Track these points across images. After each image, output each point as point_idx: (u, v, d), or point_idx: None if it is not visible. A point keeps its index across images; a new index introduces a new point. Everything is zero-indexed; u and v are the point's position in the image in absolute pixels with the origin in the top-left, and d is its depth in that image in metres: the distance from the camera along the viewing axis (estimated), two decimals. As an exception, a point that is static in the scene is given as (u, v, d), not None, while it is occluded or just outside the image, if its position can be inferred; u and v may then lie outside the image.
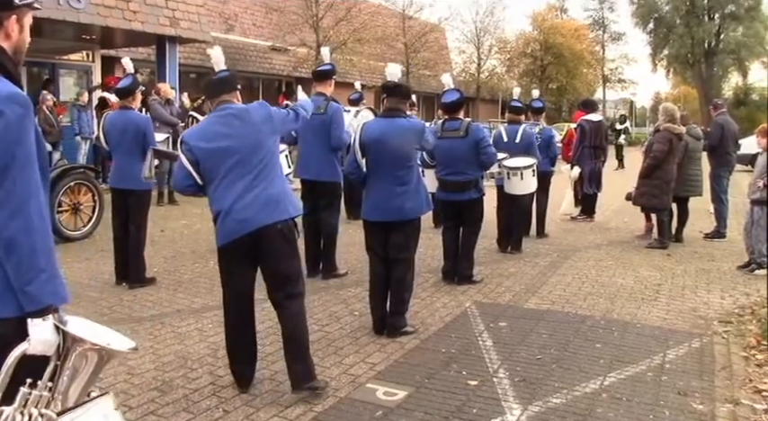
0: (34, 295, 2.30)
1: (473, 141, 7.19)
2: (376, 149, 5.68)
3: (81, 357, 2.37)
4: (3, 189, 2.27)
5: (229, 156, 4.28)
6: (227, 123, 4.37)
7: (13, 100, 2.31)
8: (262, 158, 4.33)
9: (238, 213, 4.25)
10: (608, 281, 7.80)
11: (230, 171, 4.28)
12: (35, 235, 2.32)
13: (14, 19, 2.44)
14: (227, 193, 4.29)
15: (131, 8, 14.99)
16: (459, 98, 7.40)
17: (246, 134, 4.33)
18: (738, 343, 5.70)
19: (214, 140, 4.33)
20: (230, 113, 4.41)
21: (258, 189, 4.27)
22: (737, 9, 52.09)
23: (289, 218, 4.36)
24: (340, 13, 27.51)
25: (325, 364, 5.02)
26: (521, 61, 49.31)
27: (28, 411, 2.29)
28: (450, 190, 7.42)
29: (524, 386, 4.69)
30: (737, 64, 54.61)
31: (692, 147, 10.11)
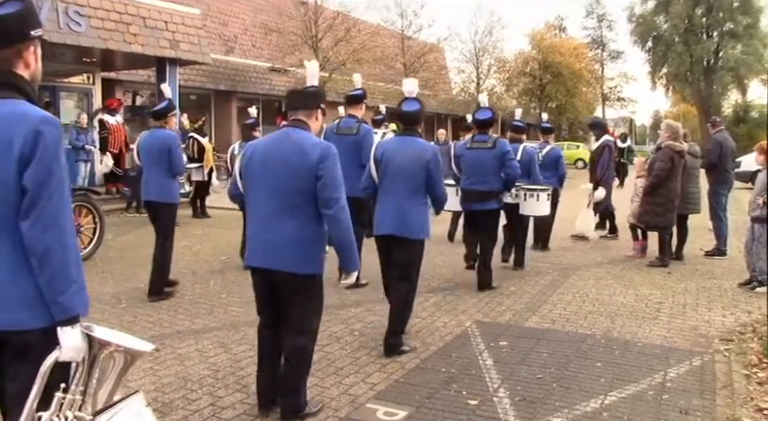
0: (65, 305, 2.48)
1: (499, 153, 7.86)
2: (387, 166, 5.94)
3: (108, 360, 2.55)
4: (39, 204, 2.46)
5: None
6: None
7: (48, 122, 2.53)
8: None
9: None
10: (608, 299, 7.79)
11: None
12: (68, 248, 2.51)
13: (32, 49, 2.71)
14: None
15: (131, 31, 15.09)
16: (491, 117, 8.18)
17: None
18: (740, 361, 5.69)
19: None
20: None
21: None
22: (736, 27, 52.29)
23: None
24: (339, 33, 27.65)
25: (325, 384, 5.01)
26: (520, 80, 49.45)
27: (63, 415, 2.44)
28: (472, 199, 7.95)
29: (525, 405, 4.67)
30: (736, 81, 54.75)
31: (690, 165, 10.11)
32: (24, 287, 2.51)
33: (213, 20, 26.54)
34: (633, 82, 62.15)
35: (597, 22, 63.05)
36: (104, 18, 14.54)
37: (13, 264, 2.51)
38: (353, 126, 8.07)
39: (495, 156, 7.88)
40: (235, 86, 26.48)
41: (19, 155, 2.47)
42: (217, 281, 8.48)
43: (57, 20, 13.50)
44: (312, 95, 4.58)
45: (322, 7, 27.52)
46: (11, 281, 2.51)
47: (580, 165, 38.76)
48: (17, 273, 2.51)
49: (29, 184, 2.47)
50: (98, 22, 14.37)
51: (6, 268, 2.51)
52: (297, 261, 4.21)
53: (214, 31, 26.17)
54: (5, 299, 2.51)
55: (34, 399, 2.45)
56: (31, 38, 2.69)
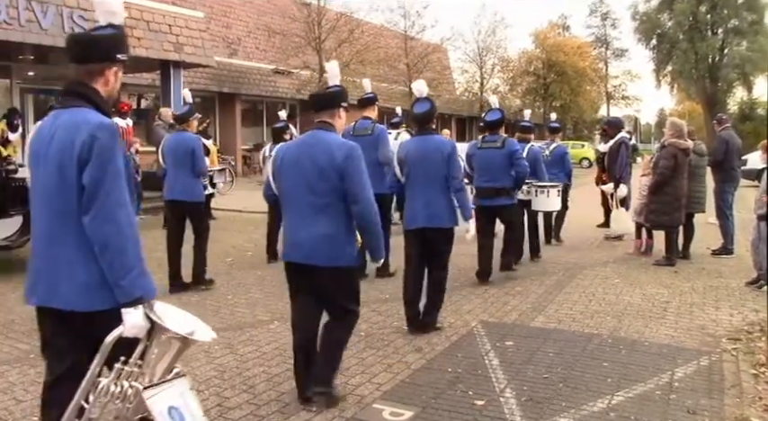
0: (126, 289, 2.85)
1: (508, 152, 8.30)
2: (411, 164, 6.52)
3: (166, 343, 2.88)
4: (97, 200, 2.85)
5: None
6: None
7: (103, 127, 2.92)
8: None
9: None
10: (615, 299, 7.77)
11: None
12: (125, 238, 2.87)
13: (114, 70, 3.14)
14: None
15: (136, 34, 15.10)
16: (500, 118, 8.57)
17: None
18: (748, 360, 5.66)
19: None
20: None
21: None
22: (741, 23, 52.17)
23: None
24: (342, 35, 27.67)
25: (332, 386, 5.01)
26: (523, 80, 49.45)
27: (120, 383, 2.82)
28: (484, 196, 8.36)
29: (531, 405, 4.67)
30: (742, 79, 54.59)
31: (695, 164, 10.08)
32: (90, 272, 2.91)
33: (217, 23, 26.61)
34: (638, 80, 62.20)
35: (601, 21, 63.09)
36: (108, 22, 14.58)
37: (78, 251, 2.91)
38: (369, 127, 8.52)
39: (505, 155, 8.29)
40: (239, 89, 26.54)
41: (78, 157, 2.86)
42: (222, 282, 8.48)
43: (61, 25, 13.53)
44: (333, 95, 4.83)
45: (325, 9, 27.53)
46: (77, 267, 2.91)
47: (585, 164, 38.74)
48: (83, 260, 2.91)
49: (87, 183, 2.85)
50: (102, 26, 14.41)
51: (73, 255, 2.92)
52: (331, 255, 4.50)
53: (218, 33, 26.23)
54: (73, 282, 2.92)
55: (96, 367, 2.84)
56: (116, 60, 3.13)
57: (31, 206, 3.10)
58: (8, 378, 5.17)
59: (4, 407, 4.61)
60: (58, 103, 3.13)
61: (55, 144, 2.94)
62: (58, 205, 2.93)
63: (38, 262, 3.05)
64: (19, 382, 5.07)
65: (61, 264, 2.95)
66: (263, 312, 7.10)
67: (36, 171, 3.05)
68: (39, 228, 3.05)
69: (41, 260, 3.03)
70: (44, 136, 3.01)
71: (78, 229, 2.89)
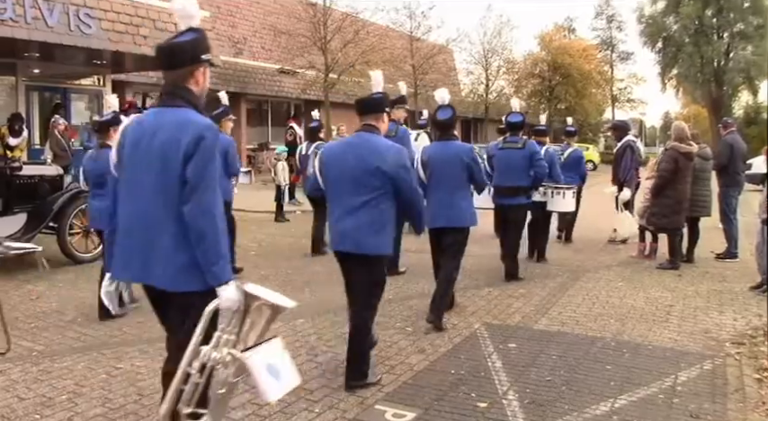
0: (217, 274, 3.19)
1: (528, 153, 8.63)
2: (433, 167, 6.84)
3: (258, 311, 3.21)
4: (197, 193, 3.16)
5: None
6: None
7: (210, 128, 3.28)
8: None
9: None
10: (618, 302, 7.76)
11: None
12: (218, 230, 3.20)
13: (201, 70, 3.43)
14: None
15: (141, 33, 15.10)
16: (522, 120, 9.03)
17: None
18: (751, 365, 5.66)
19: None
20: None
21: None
22: (747, 28, 52.00)
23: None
24: (348, 35, 27.63)
25: (333, 385, 5.01)
26: (529, 82, 49.39)
27: (220, 350, 3.15)
28: (503, 194, 8.66)
29: (534, 408, 4.66)
30: (747, 83, 54.44)
31: (700, 168, 10.06)
32: (186, 257, 3.23)
33: (222, 22, 26.60)
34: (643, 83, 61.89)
35: (607, 23, 62.89)
36: (114, 20, 14.56)
37: (176, 237, 3.23)
38: (392, 129, 8.54)
39: (525, 156, 8.63)
40: (244, 88, 26.53)
41: (184, 152, 3.17)
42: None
43: (67, 22, 13.53)
44: (378, 101, 5.27)
45: (331, 9, 27.50)
46: (175, 251, 3.23)
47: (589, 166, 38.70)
48: (180, 246, 3.23)
49: (190, 177, 3.17)
50: (108, 25, 14.40)
51: (172, 241, 3.23)
52: (375, 244, 4.94)
53: (223, 33, 26.23)
54: (171, 266, 3.25)
55: (197, 337, 3.18)
56: (201, 61, 3.42)
57: (124, 191, 3.43)
58: (10, 376, 5.17)
59: (7, 404, 4.61)
60: (158, 103, 3.52)
61: (158, 139, 3.25)
62: (159, 194, 3.25)
63: (132, 242, 3.36)
64: (21, 380, 5.07)
65: (158, 248, 3.26)
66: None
67: (133, 161, 3.36)
68: (134, 212, 3.35)
69: (137, 241, 3.33)
70: (145, 131, 3.35)
71: (176, 217, 3.22)
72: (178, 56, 3.39)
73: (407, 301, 6.76)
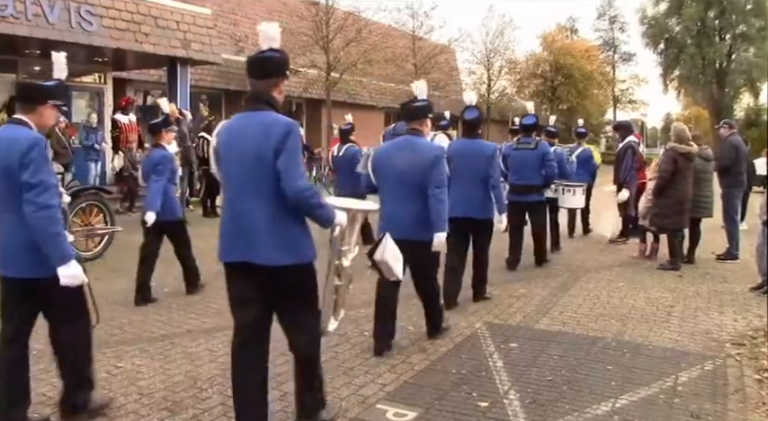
0: (327, 215, 3.97)
1: (541, 153, 9.32)
2: (457, 163, 7.18)
3: (353, 218, 4.27)
4: (289, 178, 3.75)
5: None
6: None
7: (294, 125, 3.89)
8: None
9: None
10: (619, 302, 7.76)
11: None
12: (316, 200, 3.89)
13: (283, 82, 4.06)
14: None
15: (143, 30, 15.12)
16: (535, 122, 9.76)
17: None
18: (752, 365, 5.66)
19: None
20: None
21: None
22: (749, 29, 51.90)
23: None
24: (350, 34, 27.61)
25: (335, 385, 5.00)
26: (531, 82, 49.34)
27: (340, 261, 4.33)
28: (518, 192, 9.28)
29: (535, 408, 4.66)
30: (749, 84, 54.34)
31: (701, 169, 10.06)
32: (280, 235, 3.84)
33: (224, 20, 26.57)
34: (645, 84, 61.82)
35: (609, 24, 62.76)
36: (116, 18, 14.58)
37: (271, 217, 3.82)
38: (398, 130, 8.99)
39: (537, 156, 9.30)
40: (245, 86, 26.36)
41: (275, 147, 3.75)
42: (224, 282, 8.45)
43: (68, 19, 13.55)
44: (423, 108, 6.11)
45: (333, 8, 27.49)
46: (270, 230, 3.82)
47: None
48: (275, 224, 3.83)
49: (281, 166, 3.74)
50: (110, 22, 14.41)
51: (267, 221, 3.82)
52: (421, 231, 5.75)
53: (225, 31, 26.19)
54: (266, 243, 3.83)
55: (335, 252, 4.32)
56: (285, 74, 4.07)
57: (226, 186, 4.01)
58: (11, 372, 5.15)
59: None
60: (246, 106, 4.05)
61: (251, 138, 3.82)
62: (256, 184, 3.82)
63: (236, 228, 3.92)
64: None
65: (257, 229, 3.82)
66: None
67: (230, 158, 3.92)
68: (236, 201, 3.92)
69: (240, 227, 3.89)
70: (236, 133, 3.93)
71: (272, 203, 3.81)
72: (269, 68, 4.00)
73: (408, 301, 6.73)
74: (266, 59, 4.00)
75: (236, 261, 3.96)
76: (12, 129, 4.09)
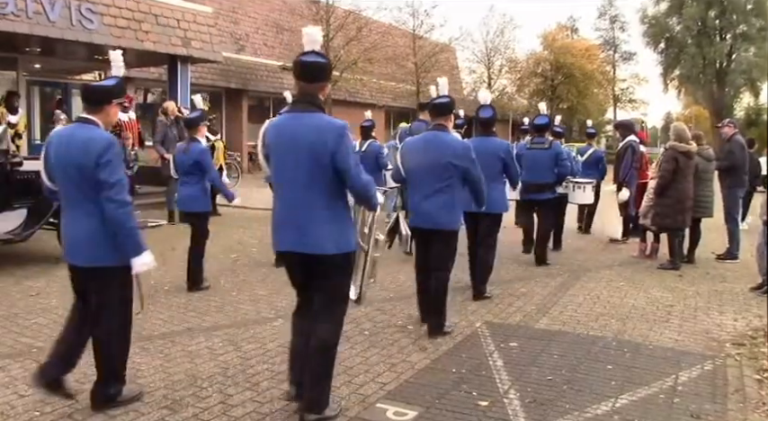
0: (376, 201, 4.51)
1: (554, 153, 9.76)
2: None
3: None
4: (349, 178, 4.17)
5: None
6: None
7: (345, 128, 4.20)
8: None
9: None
10: (619, 301, 7.76)
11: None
12: (372, 192, 4.41)
13: (328, 86, 4.47)
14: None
15: (143, 28, 15.12)
16: (547, 122, 10.23)
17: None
18: (752, 365, 5.66)
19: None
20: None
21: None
22: (749, 29, 51.90)
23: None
24: (351, 32, 27.65)
25: (336, 383, 4.97)
26: (531, 81, 49.39)
27: (376, 234, 4.90)
28: (531, 190, 9.58)
29: (535, 407, 4.66)
30: (749, 84, 54.36)
31: (702, 168, 10.06)
32: (331, 228, 4.21)
33: (225, 18, 26.59)
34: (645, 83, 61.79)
35: (610, 24, 62.76)
36: (116, 15, 14.58)
37: (326, 211, 4.20)
38: (423, 128, 9.08)
39: (550, 155, 9.74)
40: (246, 85, 26.54)
41: (331, 149, 4.09)
42: (227, 279, 8.49)
43: (69, 17, 13.54)
44: (447, 105, 6.49)
45: (334, 6, 27.52)
46: (323, 223, 4.18)
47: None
48: (328, 219, 4.20)
49: (340, 166, 4.13)
50: (110, 20, 14.41)
51: (321, 215, 4.18)
52: (449, 221, 6.25)
53: (226, 29, 26.21)
54: (318, 235, 4.18)
55: (374, 231, 4.89)
56: (330, 78, 4.57)
57: (278, 181, 4.33)
58: (10, 372, 5.15)
59: (6, 401, 4.59)
60: (294, 107, 4.40)
61: (304, 138, 4.13)
62: (312, 181, 4.15)
63: (288, 221, 4.26)
64: (21, 377, 5.05)
65: (310, 222, 4.18)
66: (267, 309, 7.09)
67: (282, 156, 4.25)
68: (289, 197, 4.25)
69: (292, 220, 4.23)
70: (284, 131, 4.27)
71: (325, 197, 4.20)
72: (317, 73, 4.31)
73: (409, 299, 6.75)
74: (316, 65, 4.30)
75: (289, 251, 4.32)
76: (84, 128, 4.34)
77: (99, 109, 4.43)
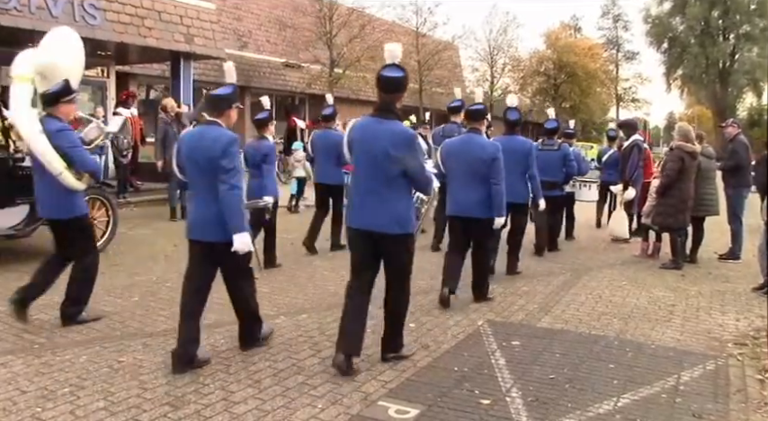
0: (430, 189, 5.75)
1: (562, 154, 10.72)
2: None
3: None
4: (418, 172, 5.19)
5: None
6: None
7: (415, 135, 5.26)
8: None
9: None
10: (621, 301, 7.76)
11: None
12: (428, 180, 5.49)
13: (403, 95, 5.40)
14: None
15: (146, 24, 15.10)
16: (557, 126, 11.35)
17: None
18: (753, 365, 5.66)
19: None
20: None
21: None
22: (752, 29, 51.87)
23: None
24: (353, 30, 27.63)
25: (337, 381, 5.00)
26: (534, 80, 49.37)
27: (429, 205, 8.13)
28: (544, 188, 9.61)
29: (537, 406, 4.66)
30: (752, 84, 54.34)
31: (705, 167, 10.05)
32: (392, 211, 5.13)
33: (228, 15, 26.55)
34: (648, 83, 61.79)
35: (613, 23, 62.77)
36: (119, 11, 14.57)
37: (393, 199, 5.14)
38: (455, 130, 10.25)
39: (559, 156, 10.65)
40: (248, 81, 26.51)
41: (402, 151, 5.06)
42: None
43: (72, 13, 13.53)
44: (482, 111, 7.54)
45: (337, 4, 27.49)
46: (392, 209, 5.13)
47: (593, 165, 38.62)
48: (395, 205, 5.15)
49: (409, 167, 5.11)
50: (113, 16, 14.40)
51: (390, 202, 5.13)
52: (485, 212, 7.17)
53: (228, 25, 26.19)
54: (387, 217, 5.12)
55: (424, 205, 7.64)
56: (405, 91, 5.37)
57: (357, 170, 5.33)
58: (12, 368, 5.15)
59: (9, 397, 4.59)
60: (376, 113, 5.29)
61: (381, 140, 5.09)
62: (380, 174, 5.11)
63: (364, 205, 5.18)
64: (23, 373, 5.06)
65: (381, 206, 5.12)
66: (269, 307, 7.08)
67: (362, 152, 5.23)
68: (365, 186, 5.20)
69: (367, 205, 5.16)
70: (367, 133, 5.23)
71: (395, 188, 5.13)
72: (395, 86, 5.23)
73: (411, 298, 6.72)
74: (393, 79, 5.21)
75: (361, 228, 5.24)
76: (211, 129, 5.26)
77: (221, 113, 5.35)
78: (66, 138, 6.27)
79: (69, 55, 7.04)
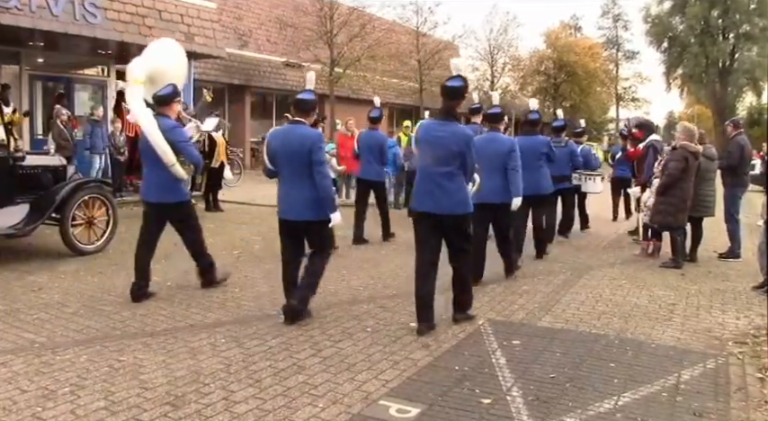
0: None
1: (569, 151, 11.67)
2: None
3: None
4: (472, 165, 6.36)
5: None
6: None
7: (471, 135, 6.30)
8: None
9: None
10: (622, 300, 7.76)
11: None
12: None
13: (462, 101, 6.32)
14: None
15: (147, 23, 15.10)
16: (564, 125, 12.34)
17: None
18: (754, 364, 5.65)
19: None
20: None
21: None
22: (752, 29, 51.83)
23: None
24: (354, 29, 27.61)
25: (338, 380, 5.00)
26: (534, 79, 49.35)
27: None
28: (554, 181, 10.54)
29: (538, 405, 4.65)
30: (752, 84, 54.33)
31: (705, 167, 10.03)
32: (455, 195, 6.17)
33: (228, 14, 26.56)
34: (648, 82, 61.78)
35: (613, 22, 62.69)
36: (120, 10, 14.57)
37: (451, 186, 6.16)
38: (476, 130, 10.31)
39: (566, 152, 11.54)
40: (249, 81, 26.54)
41: (462, 148, 6.13)
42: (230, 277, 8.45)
43: (72, 12, 13.54)
44: (501, 114, 8.68)
45: (337, 3, 27.47)
46: (450, 192, 6.14)
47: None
48: (451, 188, 6.15)
49: (468, 164, 6.21)
50: (114, 15, 14.40)
51: (451, 189, 6.16)
52: (502, 195, 8.23)
53: (229, 25, 26.19)
54: (447, 200, 6.14)
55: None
56: (464, 98, 6.31)
57: (423, 161, 6.35)
58: (12, 367, 5.15)
59: (9, 397, 4.59)
60: (440, 117, 6.37)
61: (445, 139, 6.14)
62: (443, 166, 6.12)
63: (427, 191, 6.21)
64: (23, 372, 5.05)
65: (443, 192, 6.14)
66: (269, 306, 7.08)
67: (428, 148, 6.28)
68: (429, 172, 6.21)
69: (430, 190, 6.18)
70: (434, 131, 6.28)
71: (452, 175, 6.15)
72: (456, 94, 6.21)
73: (411, 297, 6.73)
74: (454, 88, 6.18)
75: (425, 211, 6.21)
76: (298, 127, 6.43)
77: (306, 114, 6.51)
78: (179, 134, 7.30)
79: (174, 61, 8.13)
